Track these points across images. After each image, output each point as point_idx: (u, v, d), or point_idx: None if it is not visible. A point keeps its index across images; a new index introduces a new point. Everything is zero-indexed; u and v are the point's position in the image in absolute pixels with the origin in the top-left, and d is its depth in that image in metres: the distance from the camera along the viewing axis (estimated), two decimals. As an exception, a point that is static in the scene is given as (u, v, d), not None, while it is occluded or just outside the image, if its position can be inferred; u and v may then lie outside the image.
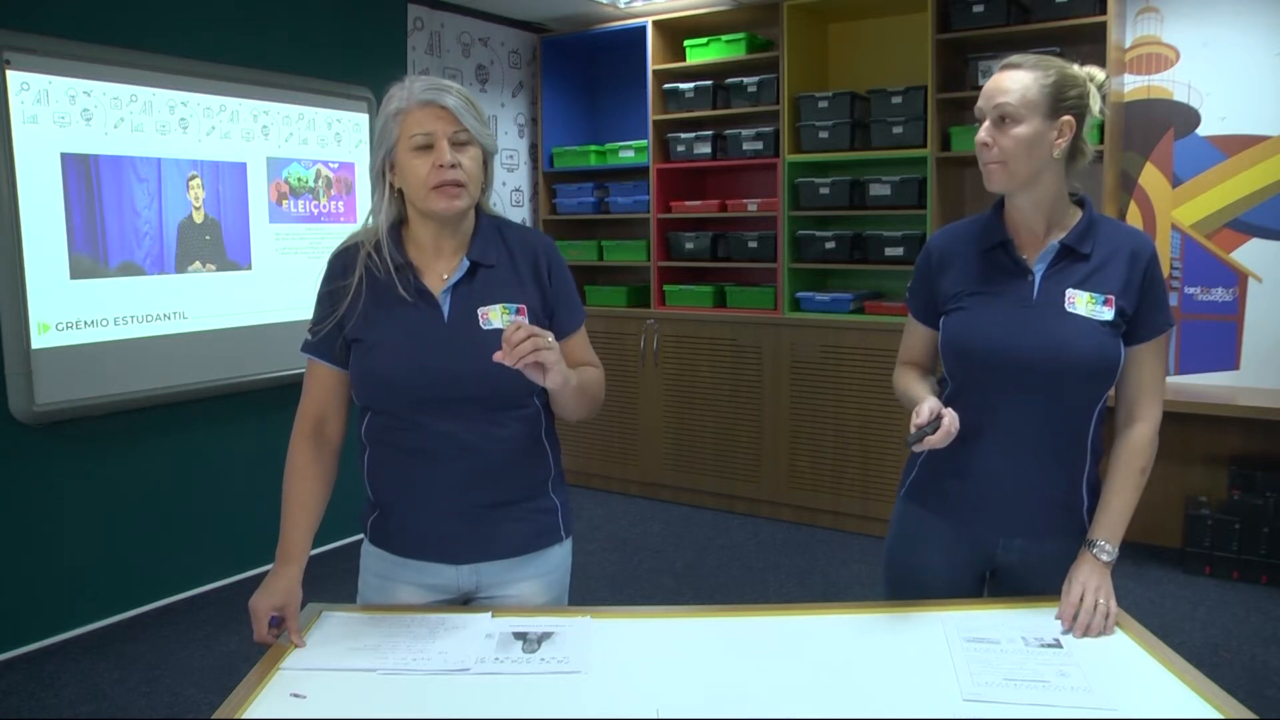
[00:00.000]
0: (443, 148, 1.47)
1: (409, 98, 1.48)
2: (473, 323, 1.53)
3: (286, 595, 1.50)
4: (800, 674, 1.37)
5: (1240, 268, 3.92)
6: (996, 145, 1.53)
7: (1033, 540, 1.64)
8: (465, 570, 1.59)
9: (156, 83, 3.41)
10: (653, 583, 3.81)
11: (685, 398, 4.76)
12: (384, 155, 1.52)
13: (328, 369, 1.58)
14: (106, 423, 3.36)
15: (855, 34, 4.60)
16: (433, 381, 1.51)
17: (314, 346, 1.58)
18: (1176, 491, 3.99)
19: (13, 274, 3.05)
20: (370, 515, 1.64)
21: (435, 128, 1.47)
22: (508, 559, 1.60)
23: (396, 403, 1.54)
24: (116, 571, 3.42)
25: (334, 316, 1.54)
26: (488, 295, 1.55)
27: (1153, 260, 1.57)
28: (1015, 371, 1.55)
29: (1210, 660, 3.01)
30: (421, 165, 1.48)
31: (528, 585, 1.62)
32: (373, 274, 1.54)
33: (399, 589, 1.61)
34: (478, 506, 1.56)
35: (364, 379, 1.55)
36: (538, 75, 5.18)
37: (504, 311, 1.53)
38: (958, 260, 1.66)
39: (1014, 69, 1.54)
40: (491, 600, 1.62)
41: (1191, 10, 3.90)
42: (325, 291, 1.57)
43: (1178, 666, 1.37)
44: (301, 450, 1.58)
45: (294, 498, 1.56)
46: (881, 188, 4.24)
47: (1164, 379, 1.63)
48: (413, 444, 1.54)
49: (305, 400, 1.60)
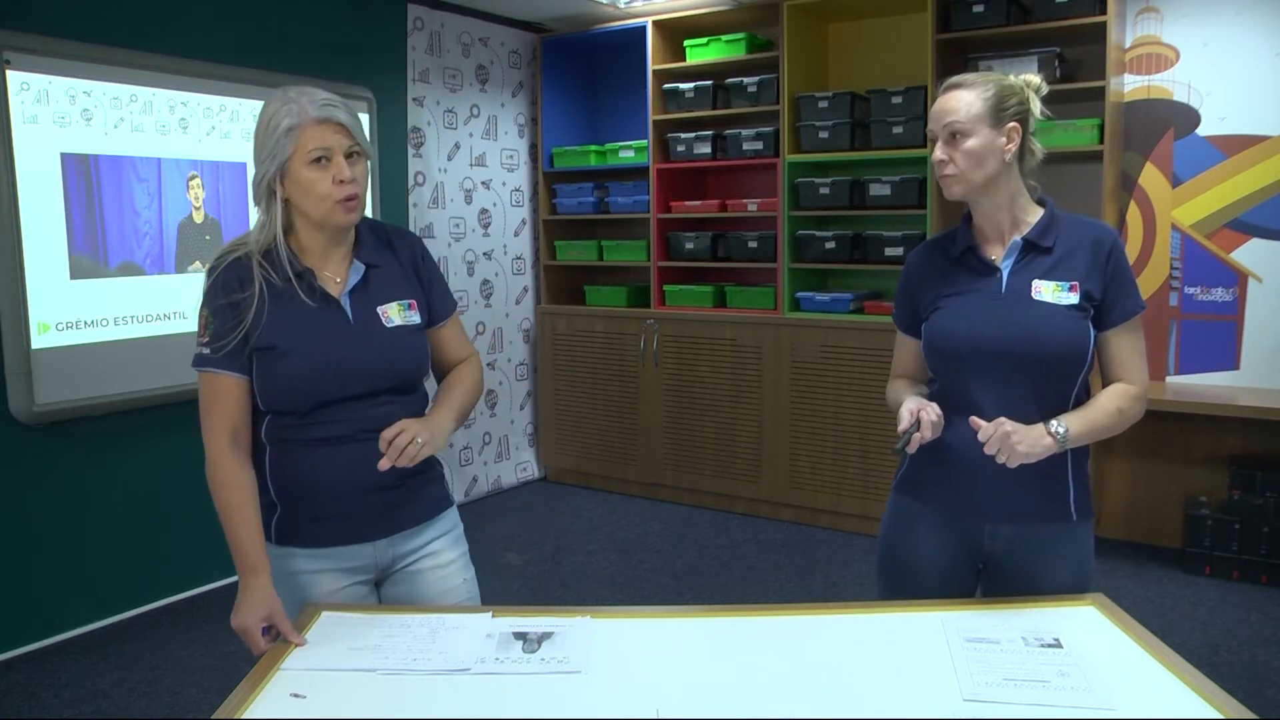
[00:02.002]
0: (341, 163, 1.55)
1: (303, 113, 1.53)
2: (375, 322, 1.64)
3: (269, 605, 1.52)
4: (800, 674, 1.37)
5: (1240, 268, 3.92)
6: (952, 160, 1.65)
7: (1020, 526, 1.68)
8: (381, 545, 1.67)
9: (156, 83, 3.41)
10: (653, 583, 3.81)
11: (685, 398, 4.76)
12: (276, 169, 1.55)
13: (236, 380, 1.59)
14: (106, 423, 3.36)
15: (855, 34, 4.60)
16: (345, 380, 1.59)
17: (220, 361, 1.57)
18: (1176, 491, 3.99)
19: (13, 274, 3.05)
20: (272, 517, 1.64)
21: (332, 143, 1.54)
22: (416, 526, 1.70)
23: (306, 404, 1.58)
24: (116, 571, 3.42)
25: (240, 328, 1.56)
26: (382, 294, 1.66)
27: (1115, 247, 1.67)
28: (991, 359, 1.64)
29: (1210, 660, 3.01)
30: (321, 180, 1.54)
31: (438, 544, 1.73)
32: (269, 282, 1.58)
33: (320, 580, 1.64)
34: (384, 482, 1.61)
35: (276, 384, 1.58)
36: (538, 75, 5.18)
37: (400, 309, 1.67)
38: (932, 271, 1.77)
39: (956, 89, 1.67)
40: (408, 568, 1.70)
41: (1191, 10, 3.90)
42: (225, 304, 1.57)
43: (1178, 666, 1.37)
44: (227, 461, 1.58)
45: (235, 508, 1.57)
46: (881, 188, 4.24)
47: (1144, 360, 1.70)
48: (316, 435, 1.60)
49: (215, 415, 1.59)
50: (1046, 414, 1.61)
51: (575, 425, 5.15)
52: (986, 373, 1.64)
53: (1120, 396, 1.66)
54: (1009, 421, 1.54)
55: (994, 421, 1.54)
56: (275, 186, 1.57)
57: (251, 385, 1.60)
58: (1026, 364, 1.62)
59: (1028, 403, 1.62)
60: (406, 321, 1.67)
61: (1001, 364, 1.63)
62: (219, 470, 1.58)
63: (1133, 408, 1.66)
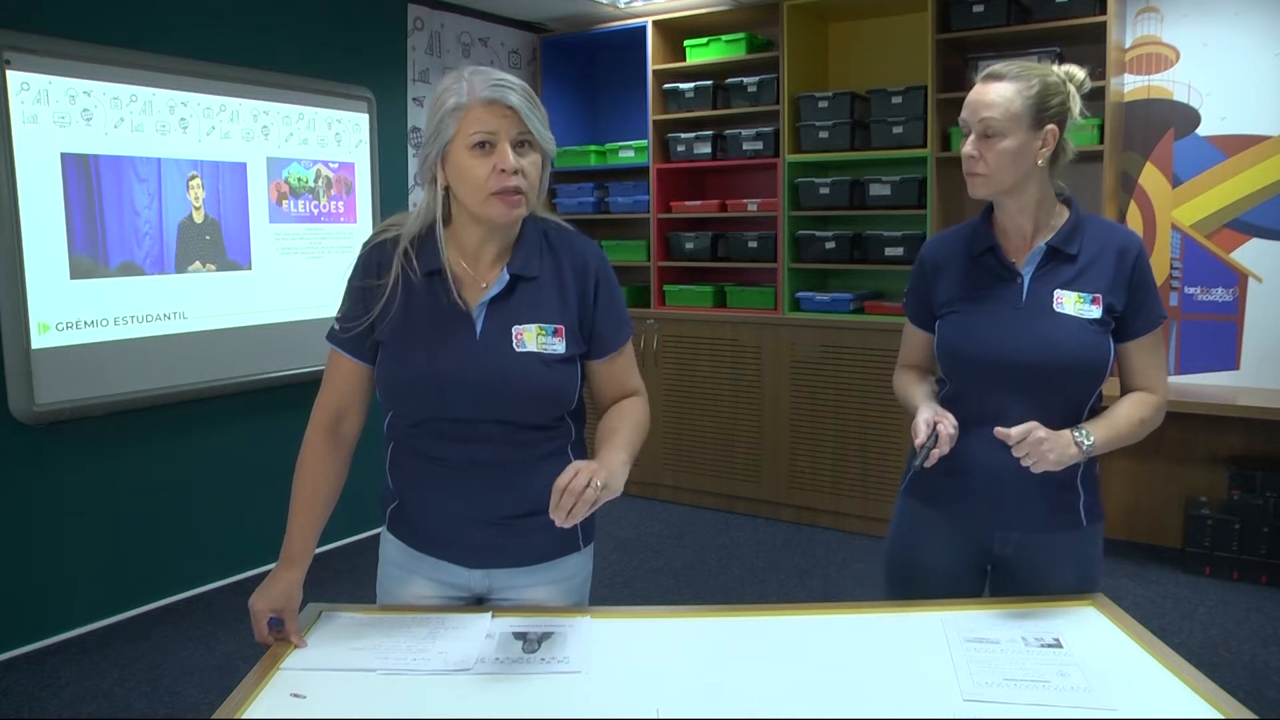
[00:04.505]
0: (505, 150, 1.38)
1: (471, 93, 1.38)
2: (505, 342, 1.46)
3: (286, 599, 1.49)
4: (800, 674, 1.37)
5: (1240, 268, 3.92)
6: (983, 159, 1.56)
7: (1029, 534, 1.67)
8: (477, 574, 1.57)
9: (156, 83, 3.41)
10: (653, 583, 3.81)
11: (685, 398, 4.76)
12: (438, 152, 1.41)
13: (352, 363, 1.52)
14: (106, 423, 3.36)
15: (855, 34, 4.60)
16: (447, 399, 1.46)
17: (341, 340, 1.52)
18: (1176, 491, 3.99)
19: (13, 274, 3.04)
20: (390, 503, 1.60)
21: (498, 127, 1.38)
22: (522, 566, 1.56)
23: (419, 413, 1.50)
24: (116, 571, 3.42)
25: (368, 316, 1.48)
26: (525, 312, 1.47)
27: (1140, 257, 1.61)
28: (1007, 371, 1.60)
29: (1210, 660, 3.01)
30: (480, 166, 1.38)
31: (543, 590, 1.58)
32: (407, 275, 1.47)
33: (415, 582, 1.60)
34: (496, 517, 1.51)
35: (388, 384, 1.51)
36: (538, 75, 5.17)
37: (540, 333, 1.46)
38: (950, 267, 1.71)
39: (996, 80, 1.56)
40: (506, 602, 1.59)
41: (1191, 10, 3.90)
42: (358, 286, 1.50)
43: (1178, 666, 1.37)
44: (317, 443, 1.53)
45: (303, 494, 1.53)
46: (881, 188, 4.24)
47: (1165, 369, 1.68)
48: (433, 452, 1.51)
49: (325, 392, 1.54)
50: (1062, 423, 1.58)
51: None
52: (1004, 382, 1.61)
53: (1142, 406, 1.63)
54: (1042, 427, 1.50)
55: (1026, 425, 1.49)
56: (436, 171, 1.43)
57: (371, 374, 1.53)
58: (1045, 376, 1.58)
59: (1044, 412, 1.57)
60: (543, 349, 1.46)
61: (1020, 375, 1.59)
62: (306, 452, 1.53)
63: (1155, 417, 1.64)
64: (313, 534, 1.53)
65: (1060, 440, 1.51)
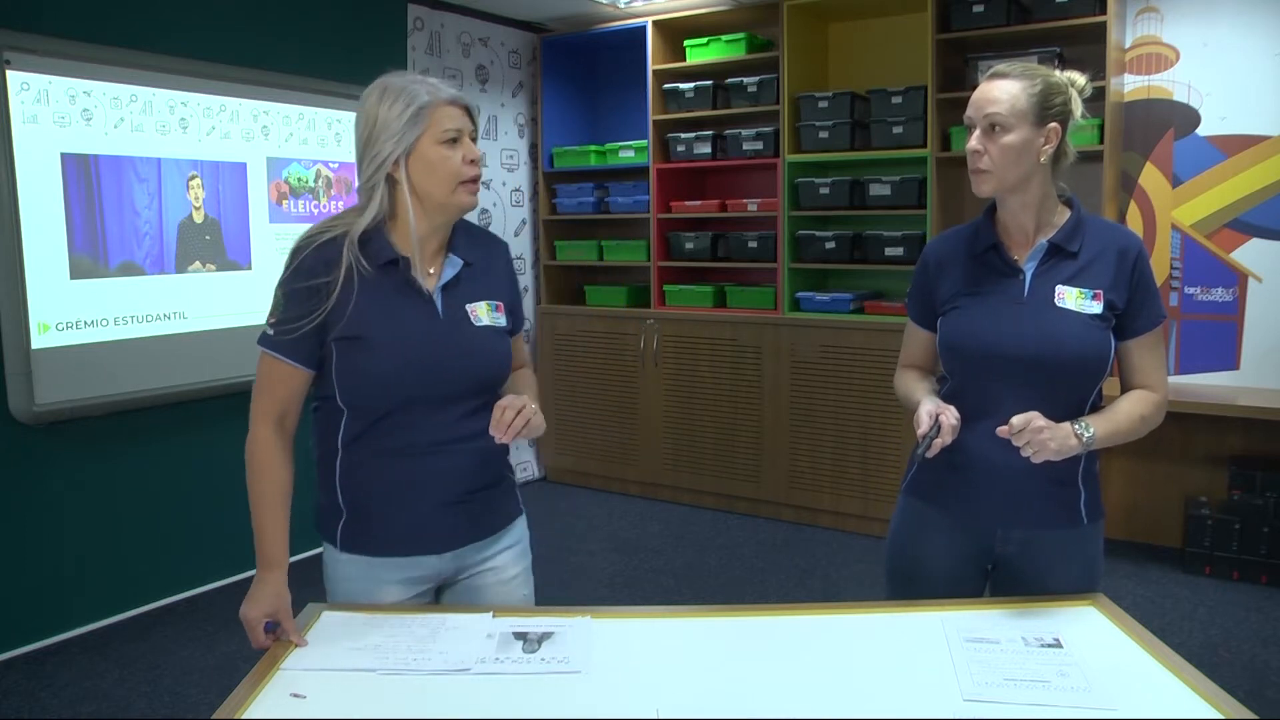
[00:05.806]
0: (470, 144, 1.53)
1: (435, 93, 1.50)
2: (464, 320, 1.58)
3: (277, 601, 1.50)
4: (800, 674, 1.37)
5: (1240, 268, 3.92)
6: (987, 153, 1.59)
7: (1031, 531, 1.67)
8: (448, 557, 1.62)
9: (156, 83, 3.41)
10: (653, 583, 3.81)
11: (685, 398, 4.76)
12: (404, 149, 1.49)
13: (291, 367, 1.53)
14: (106, 423, 3.36)
15: (855, 34, 4.60)
16: (431, 378, 1.53)
17: (282, 345, 1.52)
18: (1176, 491, 3.99)
19: (13, 274, 3.04)
20: (338, 522, 1.59)
21: (463, 124, 1.53)
22: (485, 538, 1.65)
23: (389, 401, 1.53)
24: (116, 571, 3.42)
25: (314, 315, 1.49)
26: (473, 293, 1.61)
27: (1140, 257, 1.64)
28: (1009, 365, 1.61)
29: (1210, 660, 3.01)
30: (451, 158, 1.51)
31: (503, 557, 1.68)
32: (358, 270, 1.51)
33: (382, 590, 1.60)
34: (462, 494, 1.59)
35: (358, 377, 1.52)
36: (538, 75, 5.18)
37: (489, 309, 1.61)
38: (953, 265, 1.73)
39: (1002, 78, 1.60)
40: (471, 579, 1.65)
41: (1191, 10, 3.90)
42: (301, 288, 1.50)
43: (1178, 666, 1.37)
44: (268, 444, 1.54)
45: (266, 498, 1.54)
46: (881, 188, 4.24)
47: (1165, 368, 1.69)
48: (396, 443, 1.54)
49: (265, 398, 1.55)
50: (1064, 419, 1.58)
51: (575, 425, 5.14)
52: (1005, 377, 1.62)
53: (1143, 403, 1.64)
54: (1042, 417, 1.51)
55: (1027, 415, 1.51)
56: (394, 169, 1.51)
57: (310, 378, 1.55)
58: (1046, 371, 1.59)
59: (1045, 408, 1.57)
60: (494, 323, 1.61)
61: (1020, 370, 1.60)
62: (259, 452, 1.54)
63: (1155, 415, 1.65)
64: (285, 533, 1.56)
65: (1060, 431, 1.53)
